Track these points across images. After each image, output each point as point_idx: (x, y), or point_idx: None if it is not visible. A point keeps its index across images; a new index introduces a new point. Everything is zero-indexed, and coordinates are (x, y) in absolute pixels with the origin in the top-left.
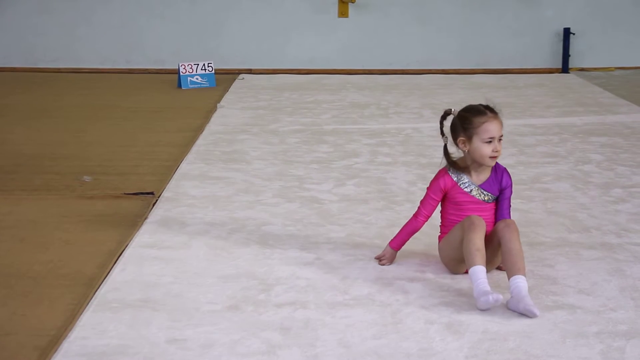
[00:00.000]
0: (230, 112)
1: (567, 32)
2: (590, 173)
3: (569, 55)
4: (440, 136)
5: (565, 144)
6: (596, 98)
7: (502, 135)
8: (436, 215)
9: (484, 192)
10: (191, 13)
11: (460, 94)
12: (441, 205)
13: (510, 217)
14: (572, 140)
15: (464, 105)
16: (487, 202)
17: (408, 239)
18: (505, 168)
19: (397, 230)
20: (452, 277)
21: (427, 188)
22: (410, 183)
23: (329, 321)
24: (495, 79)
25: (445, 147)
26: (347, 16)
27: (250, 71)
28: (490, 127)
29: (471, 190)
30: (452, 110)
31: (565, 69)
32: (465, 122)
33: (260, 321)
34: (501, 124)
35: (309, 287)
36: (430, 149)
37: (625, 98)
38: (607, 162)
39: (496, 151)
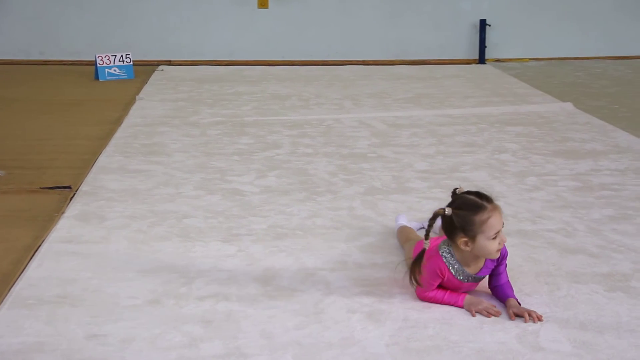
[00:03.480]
0: (149, 104)
1: (483, 24)
2: (506, 162)
3: (485, 47)
4: (424, 239)
5: (482, 134)
6: (512, 88)
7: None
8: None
9: (479, 278)
10: (108, 2)
11: (381, 85)
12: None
13: (511, 289)
14: (489, 130)
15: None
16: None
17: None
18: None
19: (318, 221)
20: (372, 266)
21: (423, 269)
22: (332, 174)
23: (251, 313)
24: (414, 69)
25: (422, 251)
26: (267, 7)
27: (169, 63)
28: (494, 222)
29: (467, 279)
30: (445, 210)
31: (482, 60)
32: (464, 222)
33: (182, 314)
34: (501, 211)
35: (231, 280)
36: (351, 139)
37: (539, 88)
38: (523, 151)
39: (502, 242)
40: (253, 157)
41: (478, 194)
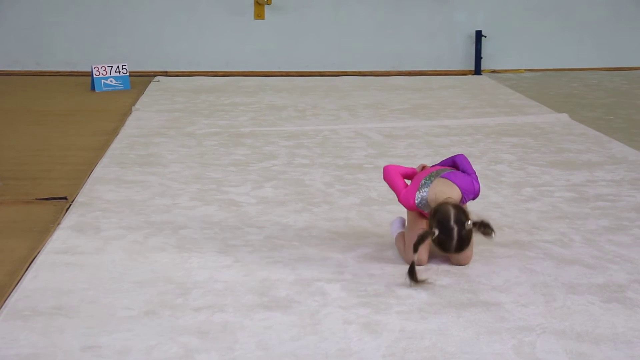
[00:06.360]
0: (145, 114)
1: (479, 35)
2: (502, 173)
3: (481, 58)
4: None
5: (478, 145)
6: (507, 99)
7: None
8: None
9: None
10: (104, 13)
11: (377, 96)
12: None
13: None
14: (485, 140)
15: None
16: None
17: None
18: (473, 189)
19: (315, 231)
20: (369, 277)
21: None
22: (328, 184)
23: (248, 324)
24: (411, 80)
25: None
26: (263, 18)
27: (166, 73)
28: (445, 254)
29: (424, 209)
30: (435, 233)
31: (477, 70)
32: (435, 240)
33: (178, 326)
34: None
35: (227, 291)
36: (347, 150)
37: (535, 99)
38: (519, 162)
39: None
40: (249, 168)
41: (459, 236)
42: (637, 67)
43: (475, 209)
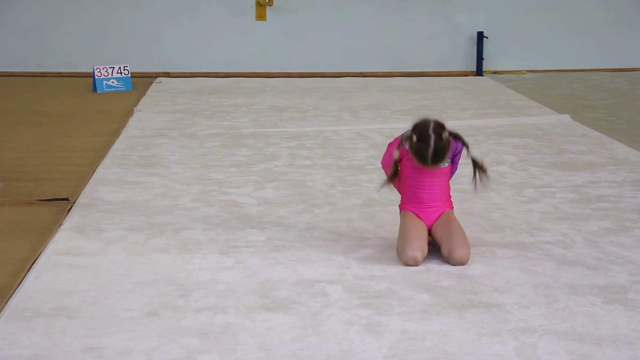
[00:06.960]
0: (147, 116)
1: (480, 36)
2: (504, 174)
3: (483, 59)
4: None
5: (480, 146)
6: (509, 100)
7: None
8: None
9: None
10: (105, 14)
11: (379, 97)
12: (400, 173)
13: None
14: (486, 141)
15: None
16: (442, 166)
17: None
18: (459, 136)
19: (316, 232)
20: (371, 278)
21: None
22: (330, 185)
23: (249, 325)
24: (412, 81)
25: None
26: (264, 19)
27: (167, 74)
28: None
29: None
30: (413, 137)
31: (479, 71)
32: (412, 148)
33: (179, 327)
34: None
35: (229, 292)
36: (348, 151)
37: (537, 100)
38: (520, 163)
39: None
40: (251, 169)
41: (433, 150)
42: (638, 68)
43: (477, 210)
